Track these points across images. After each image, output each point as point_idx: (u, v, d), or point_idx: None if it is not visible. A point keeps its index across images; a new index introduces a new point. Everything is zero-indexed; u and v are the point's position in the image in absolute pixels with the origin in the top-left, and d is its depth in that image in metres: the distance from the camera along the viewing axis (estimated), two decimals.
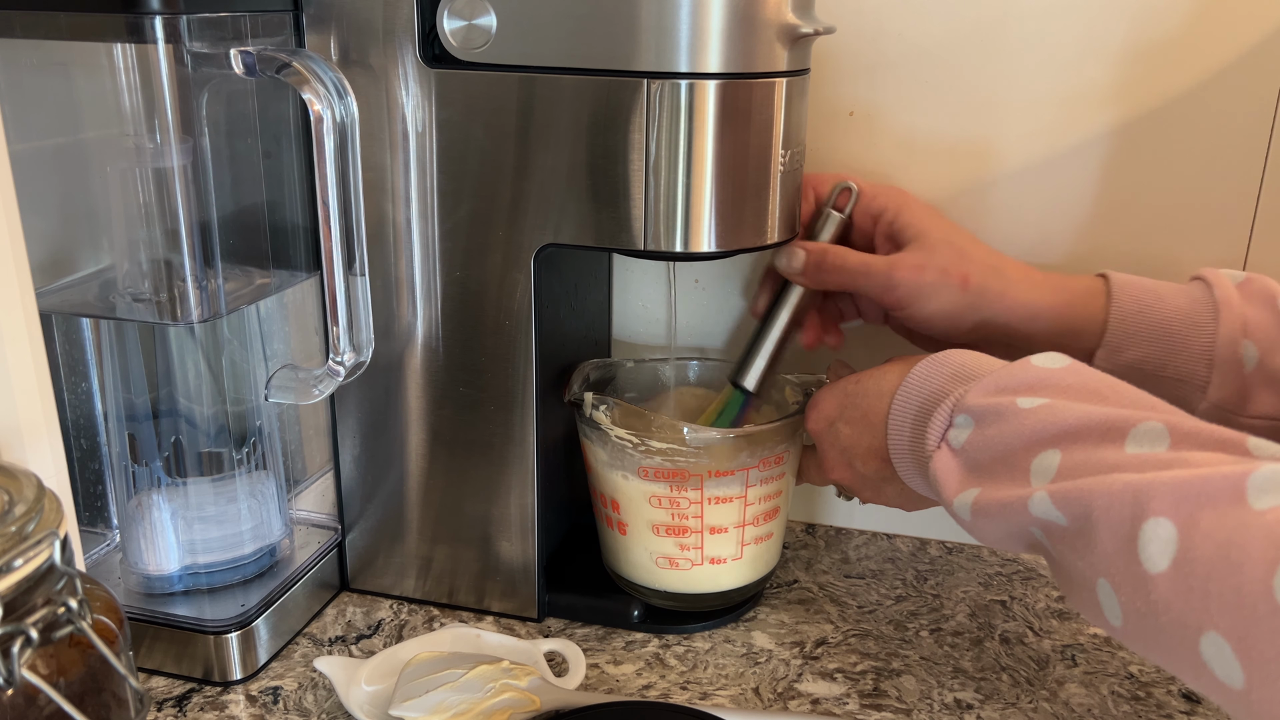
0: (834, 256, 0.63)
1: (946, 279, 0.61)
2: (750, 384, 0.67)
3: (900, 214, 0.64)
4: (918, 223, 0.63)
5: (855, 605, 0.72)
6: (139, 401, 0.61)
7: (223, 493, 0.63)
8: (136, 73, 0.52)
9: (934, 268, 0.62)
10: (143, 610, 0.62)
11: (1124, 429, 0.46)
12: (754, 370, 0.67)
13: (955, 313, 0.62)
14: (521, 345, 0.64)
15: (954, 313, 0.62)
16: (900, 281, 0.62)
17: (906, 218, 0.64)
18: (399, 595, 0.71)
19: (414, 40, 0.59)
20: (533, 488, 0.66)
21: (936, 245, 0.62)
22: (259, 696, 0.62)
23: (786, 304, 0.66)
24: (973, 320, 0.62)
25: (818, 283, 0.64)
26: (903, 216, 0.64)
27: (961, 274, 0.61)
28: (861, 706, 0.62)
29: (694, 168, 0.58)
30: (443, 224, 0.62)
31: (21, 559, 0.36)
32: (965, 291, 0.61)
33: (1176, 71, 0.67)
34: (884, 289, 0.62)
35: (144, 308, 0.57)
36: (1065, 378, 0.50)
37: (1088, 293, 0.63)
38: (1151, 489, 0.42)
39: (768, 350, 0.66)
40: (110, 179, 0.55)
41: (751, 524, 0.67)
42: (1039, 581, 0.75)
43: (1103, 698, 0.63)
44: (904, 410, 0.56)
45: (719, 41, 0.55)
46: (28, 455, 0.45)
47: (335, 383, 0.59)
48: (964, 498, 0.51)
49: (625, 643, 0.67)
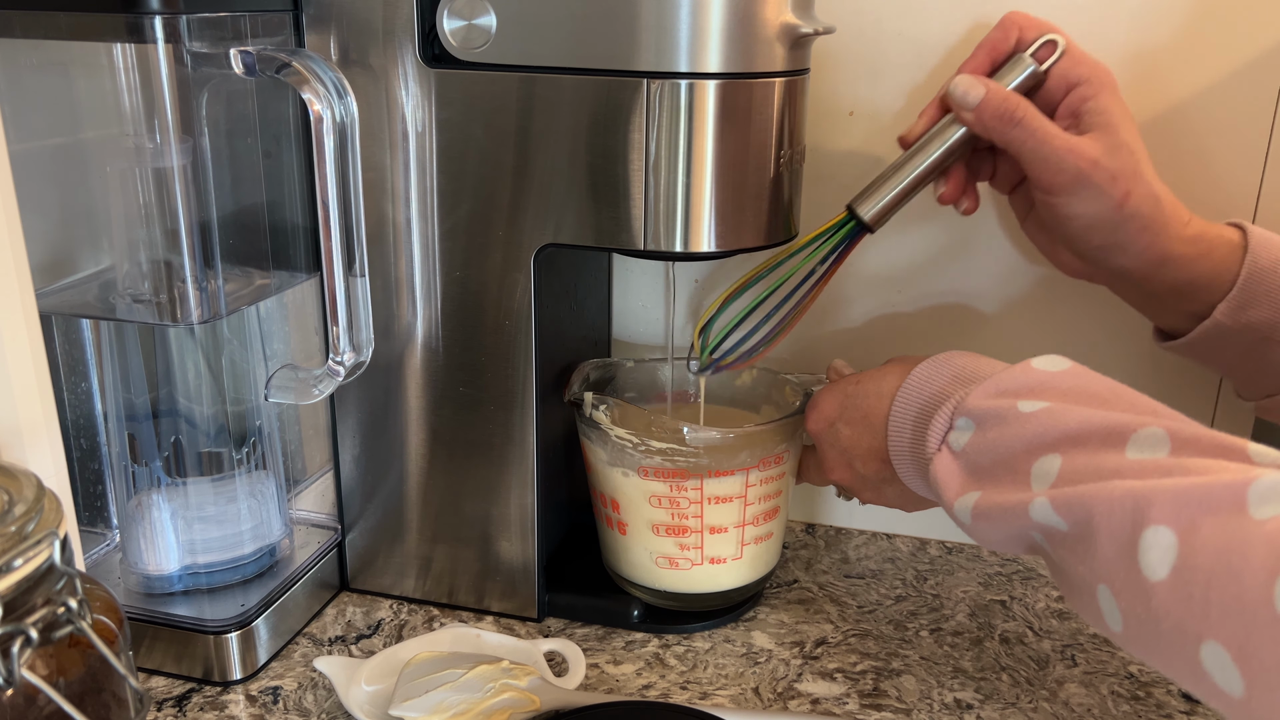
0: (1017, 108, 0.57)
1: (1112, 186, 0.56)
2: (868, 214, 0.61)
3: (1100, 95, 0.58)
4: (1112, 113, 0.58)
5: (855, 605, 0.72)
6: (139, 401, 0.61)
7: (223, 493, 0.63)
8: (136, 73, 0.52)
9: (1107, 169, 0.56)
10: (143, 610, 0.62)
11: (1125, 434, 0.45)
12: (879, 201, 0.61)
13: (1097, 223, 0.58)
14: (521, 345, 0.64)
15: (1096, 222, 0.58)
16: (1069, 168, 0.56)
17: (1104, 101, 0.58)
18: (399, 595, 0.71)
19: (414, 40, 0.59)
20: (533, 488, 0.66)
21: (1120, 147, 0.57)
22: (259, 696, 0.62)
23: (940, 142, 0.60)
24: (1107, 240, 0.58)
25: (986, 129, 0.58)
26: (1101, 99, 0.58)
27: (1126, 189, 0.57)
28: (861, 706, 0.62)
29: (694, 168, 0.58)
30: (442, 224, 0.62)
31: (21, 559, 0.36)
32: (1121, 209, 0.57)
33: (1176, 73, 0.67)
34: (1050, 167, 0.57)
35: (144, 309, 0.57)
36: (1066, 381, 0.50)
37: (1226, 245, 0.59)
38: (1152, 496, 0.42)
39: (900, 184, 0.60)
40: (110, 179, 0.55)
41: (751, 524, 0.67)
42: (1039, 581, 0.75)
43: (1102, 698, 0.63)
44: (904, 412, 0.56)
45: (719, 41, 0.55)
46: (28, 455, 0.45)
47: (335, 383, 0.59)
48: (964, 501, 0.51)
49: (625, 643, 0.67)
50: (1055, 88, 0.60)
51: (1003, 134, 0.58)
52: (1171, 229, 0.58)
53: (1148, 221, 0.57)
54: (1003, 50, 0.60)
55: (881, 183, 0.61)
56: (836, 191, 0.69)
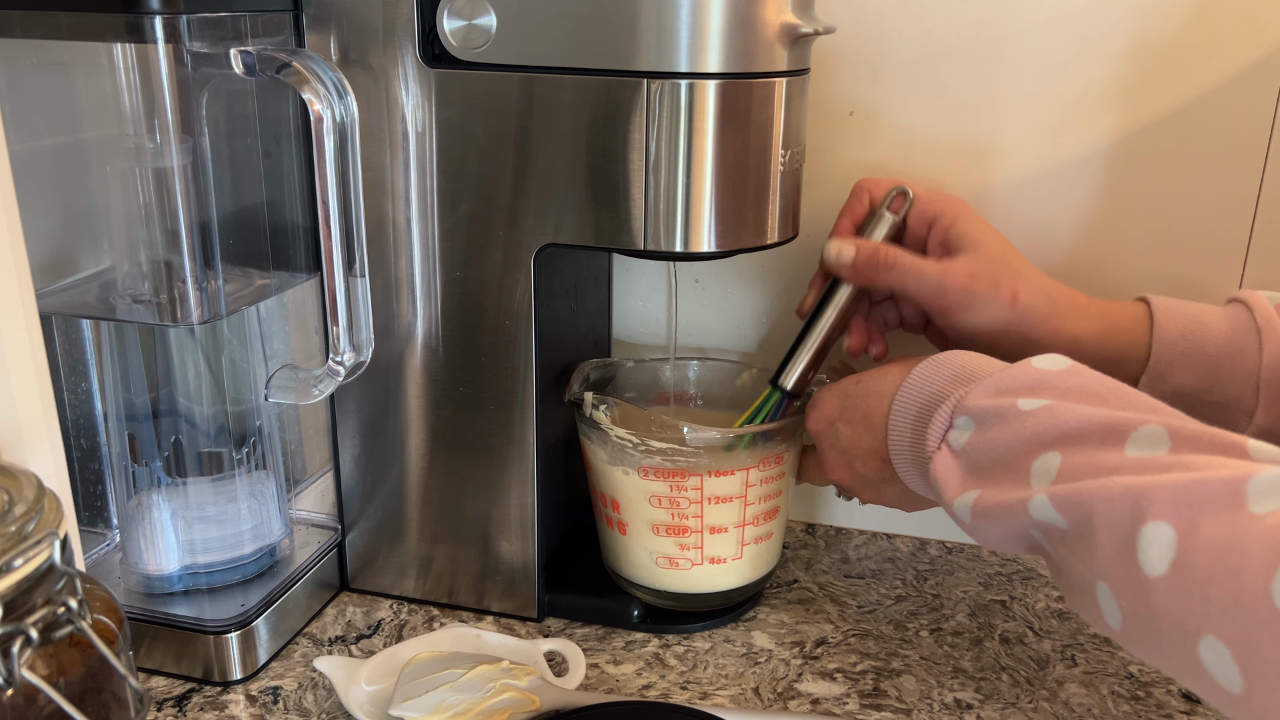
0: (887, 254, 0.62)
1: (997, 292, 0.60)
2: (789, 384, 0.65)
3: (957, 221, 0.63)
4: (974, 232, 0.62)
5: (855, 605, 0.72)
6: (139, 401, 0.61)
7: (223, 493, 0.63)
8: (136, 73, 0.52)
9: (986, 279, 0.60)
10: (143, 610, 0.62)
11: (1124, 432, 0.46)
12: (795, 370, 0.65)
13: (999, 329, 0.61)
14: (521, 345, 0.64)
15: (998, 329, 0.61)
16: (951, 287, 0.60)
17: (963, 225, 0.63)
18: (399, 595, 0.71)
19: (414, 40, 0.59)
20: (533, 488, 0.66)
21: (991, 257, 0.61)
22: (259, 696, 0.62)
23: (833, 304, 0.65)
24: (1014, 341, 0.61)
25: (866, 280, 0.63)
26: (959, 224, 0.63)
27: (1012, 290, 0.60)
28: (861, 706, 0.62)
29: (694, 168, 0.58)
30: (442, 224, 0.62)
31: (21, 559, 0.36)
32: (1013, 309, 0.60)
33: (1177, 72, 0.67)
34: (934, 293, 0.61)
35: (144, 309, 0.57)
36: (1066, 380, 0.50)
37: (1131, 319, 0.61)
38: (1151, 492, 0.42)
39: (810, 350, 0.65)
40: (110, 179, 0.55)
41: (751, 524, 0.67)
42: (1039, 581, 0.75)
43: (1102, 698, 0.63)
44: (904, 411, 0.56)
45: (719, 41, 0.55)
46: (28, 455, 0.45)
47: (335, 383, 0.60)
48: (964, 499, 0.51)
49: (625, 643, 0.67)
50: (918, 229, 0.65)
51: (883, 279, 0.62)
52: (1072, 314, 0.61)
53: (1046, 313, 0.61)
54: (860, 213, 0.66)
55: (795, 355, 0.66)
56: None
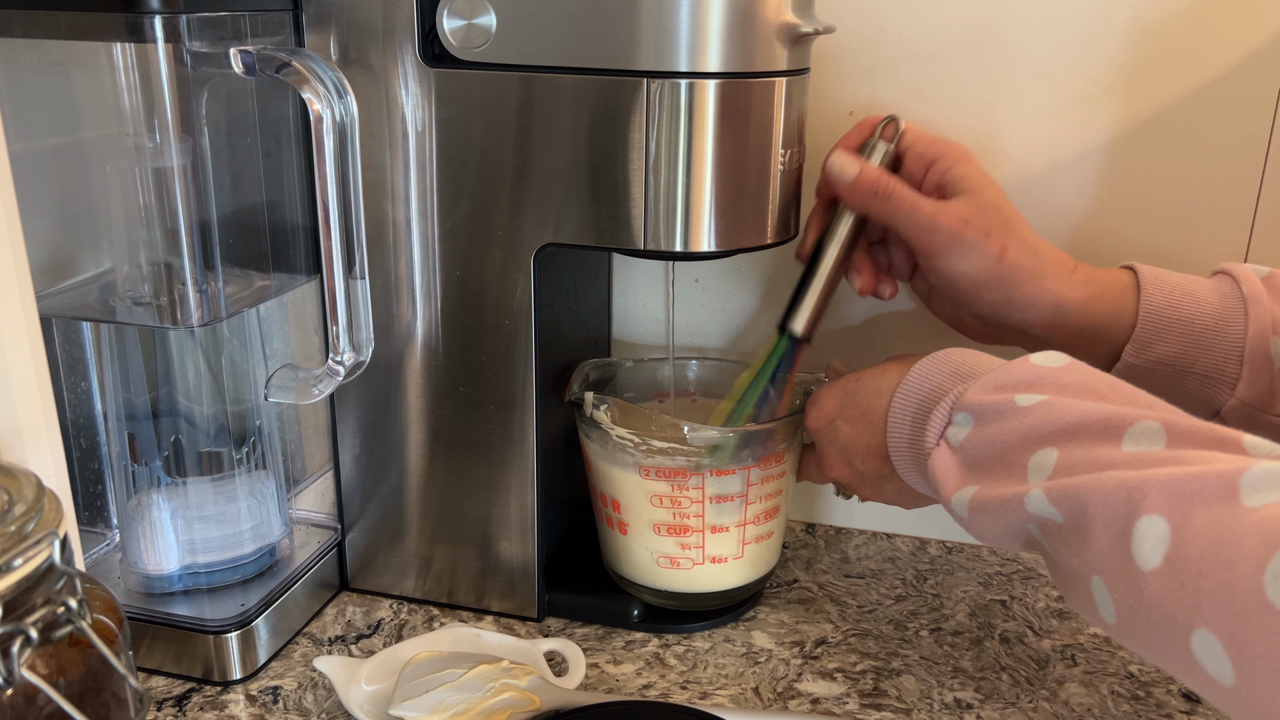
0: (885, 183, 0.60)
1: (986, 241, 0.59)
2: (799, 328, 0.64)
3: (956, 165, 0.62)
4: (972, 178, 0.61)
5: (855, 605, 0.72)
6: (139, 401, 0.61)
7: (222, 492, 0.63)
8: (136, 72, 0.52)
9: (978, 226, 0.59)
10: (143, 610, 0.62)
11: (1121, 427, 0.46)
12: (803, 313, 0.63)
13: (983, 280, 0.60)
14: (521, 345, 0.64)
15: (981, 280, 0.60)
16: (941, 227, 0.59)
17: (962, 169, 0.61)
18: (399, 595, 0.71)
19: (414, 40, 0.59)
20: (533, 487, 0.66)
21: (986, 206, 0.60)
22: (259, 696, 0.62)
23: (835, 239, 0.63)
24: (996, 296, 0.60)
25: (863, 206, 0.62)
26: (958, 168, 0.62)
27: (1001, 243, 0.59)
28: (861, 706, 0.62)
29: (694, 167, 0.58)
30: (442, 224, 0.62)
31: (21, 559, 0.36)
32: (1000, 262, 0.59)
33: (1176, 70, 0.67)
34: (924, 231, 0.60)
35: (144, 311, 0.57)
36: (1064, 376, 0.50)
37: (1117, 286, 0.61)
38: (1145, 486, 0.42)
39: (816, 290, 0.63)
40: (110, 179, 0.55)
41: (752, 523, 0.67)
42: (1039, 581, 0.75)
43: (1102, 697, 0.63)
44: (903, 408, 0.56)
45: (719, 41, 0.55)
46: (28, 455, 0.45)
47: (335, 382, 0.60)
48: (962, 495, 0.51)
49: (625, 642, 0.67)
50: (916, 169, 0.63)
51: (878, 208, 0.61)
52: (1058, 275, 0.61)
53: (1031, 271, 0.60)
54: (857, 141, 0.64)
55: (801, 296, 0.64)
56: None
